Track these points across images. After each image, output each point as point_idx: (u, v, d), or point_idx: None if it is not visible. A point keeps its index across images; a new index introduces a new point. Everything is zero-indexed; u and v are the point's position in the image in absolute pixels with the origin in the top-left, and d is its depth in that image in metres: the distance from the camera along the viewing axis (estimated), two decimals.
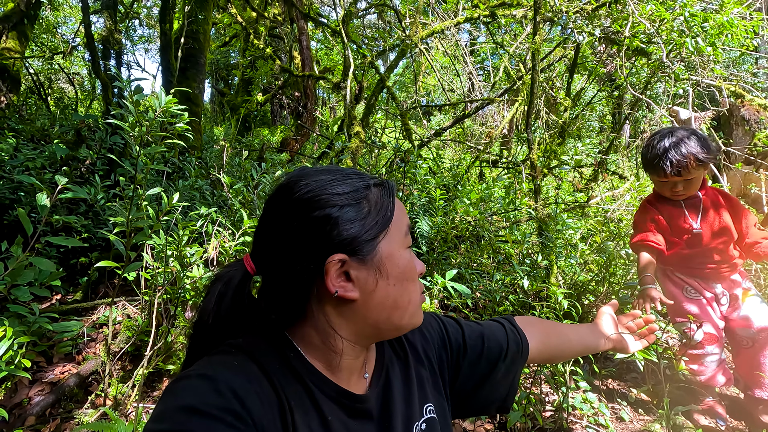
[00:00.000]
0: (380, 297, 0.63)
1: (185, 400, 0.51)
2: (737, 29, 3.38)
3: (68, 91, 7.62)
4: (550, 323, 1.01)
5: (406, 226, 0.68)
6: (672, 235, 1.76)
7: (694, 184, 1.59)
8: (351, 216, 0.60)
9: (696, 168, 1.51)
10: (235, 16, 6.60)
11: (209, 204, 2.83)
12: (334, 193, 0.61)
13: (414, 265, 0.67)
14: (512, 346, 0.86)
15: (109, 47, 3.35)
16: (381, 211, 0.63)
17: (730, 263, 1.71)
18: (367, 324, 0.64)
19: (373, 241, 0.62)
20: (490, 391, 0.85)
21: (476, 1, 4.63)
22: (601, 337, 1.00)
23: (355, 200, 0.62)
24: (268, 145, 5.81)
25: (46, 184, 2.59)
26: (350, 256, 0.60)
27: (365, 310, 0.63)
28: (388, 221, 0.64)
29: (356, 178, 0.64)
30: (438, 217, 2.87)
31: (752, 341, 1.68)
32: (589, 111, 7.01)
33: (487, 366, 0.83)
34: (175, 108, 1.59)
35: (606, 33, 3.98)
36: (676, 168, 1.51)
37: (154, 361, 1.75)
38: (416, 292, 0.68)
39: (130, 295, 2.47)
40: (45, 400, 1.70)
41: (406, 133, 4.42)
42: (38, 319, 1.56)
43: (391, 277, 0.63)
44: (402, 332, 0.68)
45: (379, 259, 0.62)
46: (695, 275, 1.78)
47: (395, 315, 0.64)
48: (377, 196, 0.64)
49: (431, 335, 0.81)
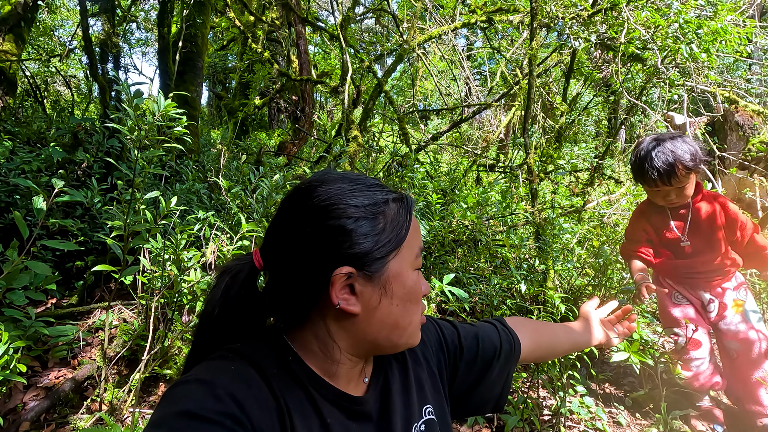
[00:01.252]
0: (382, 315, 0.62)
1: (183, 405, 0.51)
2: (731, 36, 3.42)
3: (65, 93, 7.60)
4: (539, 322, 1.02)
5: (419, 248, 0.67)
6: (660, 245, 1.75)
7: (686, 191, 1.55)
8: (365, 230, 0.60)
9: (685, 175, 1.47)
10: (233, 20, 6.61)
11: (207, 208, 2.82)
12: (351, 204, 0.60)
13: (420, 287, 0.67)
14: (505, 346, 0.87)
15: (107, 50, 3.35)
16: (396, 228, 0.63)
17: (722, 271, 1.69)
18: (365, 339, 0.64)
19: (384, 259, 0.61)
20: (485, 390, 0.85)
21: (473, 7, 4.67)
22: (589, 333, 1.02)
23: (372, 214, 0.61)
24: (266, 149, 5.81)
25: (42, 187, 2.58)
26: (358, 270, 0.60)
27: (365, 326, 0.62)
28: (401, 240, 0.63)
29: (376, 190, 0.64)
30: (435, 221, 2.87)
31: (737, 353, 1.67)
32: (586, 116, 7.06)
33: (483, 366, 0.84)
34: (174, 112, 1.59)
35: (602, 39, 4.02)
36: (665, 177, 1.46)
37: (150, 365, 1.74)
38: (418, 314, 0.67)
39: (126, 299, 2.45)
40: (40, 405, 1.68)
41: (404, 138, 4.43)
42: (34, 323, 1.55)
43: (396, 297, 0.63)
44: (399, 350, 0.68)
45: (386, 278, 0.62)
46: (683, 282, 1.78)
47: (394, 334, 0.64)
48: (394, 212, 0.63)
49: (429, 338, 0.82)
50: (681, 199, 1.57)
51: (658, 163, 1.44)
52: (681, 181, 1.47)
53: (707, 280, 1.71)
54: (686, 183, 1.49)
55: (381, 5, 6.41)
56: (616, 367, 2.27)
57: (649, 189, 1.59)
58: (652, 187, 1.54)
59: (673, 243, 1.69)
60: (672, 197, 1.54)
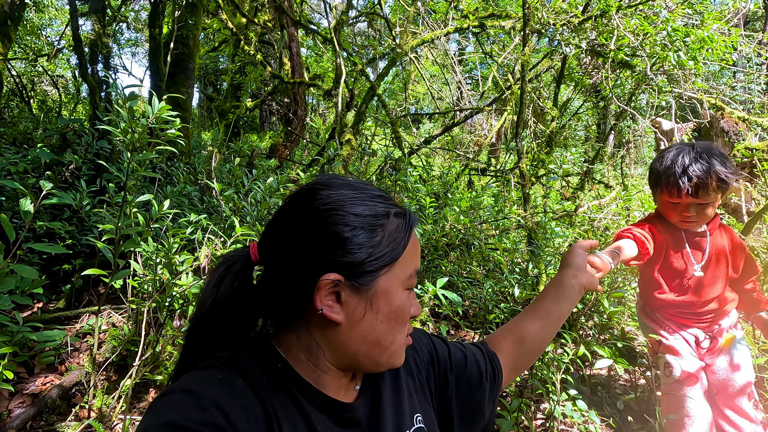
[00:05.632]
0: (364, 329, 0.62)
1: (168, 416, 0.50)
2: (717, 44, 3.50)
3: (52, 93, 7.47)
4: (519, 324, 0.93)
5: (414, 269, 0.66)
6: (659, 268, 1.48)
7: (707, 212, 1.35)
8: (361, 241, 0.59)
9: (716, 190, 1.30)
10: (225, 22, 6.57)
11: (198, 210, 2.79)
12: (351, 212, 0.60)
13: (408, 308, 0.65)
14: (489, 368, 0.85)
15: (96, 51, 3.30)
16: (393, 243, 0.62)
17: (720, 310, 1.49)
18: (346, 352, 0.63)
19: (375, 273, 0.60)
20: (475, 410, 0.83)
21: (466, 12, 4.71)
22: (571, 289, 0.94)
23: (371, 225, 0.60)
24: (258, 152, 5.77)
25: (29, 189, 2.53)
26: (346, 279, 0.59)
27: (346, 338, 0.62)
28: (396, 257, 0.62)
29: (379, 201, 0.63)
30: (428, 224, 2.88)
31: (717, 389, 1.49)
32: (576, 121, 7.15)
33: (471, 384, 0.83)
34: (167, 114, 1.58)
35: (592, 45, 4.08)
36: (694, 186, 1.28)
37: (141, 371, 1.71)
38: (402, 334, 0.66)
39: (115, 303, 2.41)
40: (26, 412, 1.64)
41: (397, 141, 4.44)
42: (21, 328, 1.51)
43: (381, 314, 0.62)
44: (380, 369, 0.67)
45: (374, 293, 0.61)
46: (675, 319, 1.54)
47: (375, 351, 0.63)
48: (394, 227, 0.63)
49: (421, 349, 0.81)
50: (699, 220, 1.38)
51: (691, 169, 1.28)
52: (709, 196, 1.31)
53: (705, 318, 1.49)
54: (712, 200, 1.32)
55: (374, 9, 6.44)
56: (606, 370, 2.29)
57: (668, 199, 1.38)
58: (673, 196, 1.35)
59: (676, 272, 1.45)
60: (691, 214, 1.36)
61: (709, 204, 1.34)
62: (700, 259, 1.44)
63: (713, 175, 1.27)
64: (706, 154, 1.30)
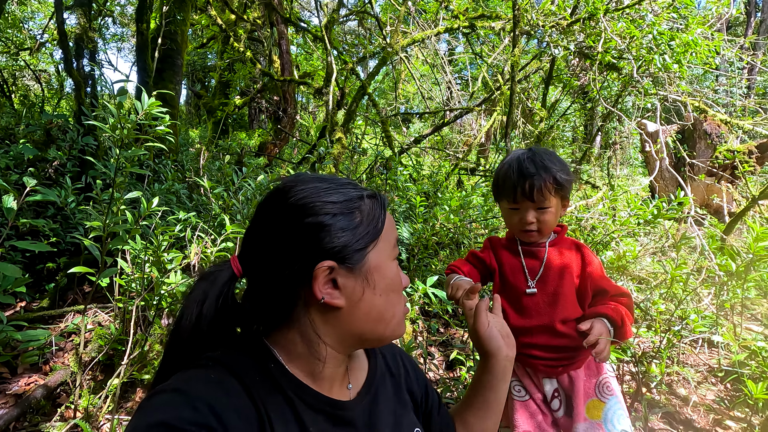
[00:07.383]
0: (366, 306, 0.64)
1: (158, 415, 0.50)
2: (701, 48, 3.58)
3: (34, 88, 7.30)
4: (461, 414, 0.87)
5: (395, 239, 0.69)
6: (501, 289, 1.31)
7: (547, 216, 1.24)
8: (343, 225, 0.61)
9: (554, 193, 1.22)
10: (214, 18, 6.50)
11: (187, 208, 2.76)
12: (327, 201, 0.62)
13: (400, 278, 0.69)
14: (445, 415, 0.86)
15: (82, 45, 3.24)
16: (372, 222, 0.64)
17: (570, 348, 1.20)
18: (351, 333, 0.65)
19: (363, 250, 0.63)
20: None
21: (456, 12, 4.73)
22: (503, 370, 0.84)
23: (348, 210, 0.63)
24: (247, 149, 5.73)
25: (12, 185, 2.48)
26: (339, 264, 0.61)
27: (350, 319, 0.63)
28: (378, 232, 0.65)
29: (350, 188, 0.66)
30: (419, 223, 2.89)
31: None
32: (564, 122, 7.24)
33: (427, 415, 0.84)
34: (157, 110, 1.56)
35: (580, 48, 4.14)
36: (529, 187, 1.21)
37: (128, 370, 1.68)
38: (401, 304, 0.69)
39: (101, 302, 2.37)
40: (9, 413, 1.61)
41: (387, 140, 4.44)
42: (4, 327, 1.48)
43: (378, 288, 0.64)
44: (384, 342, 0.70)
45: (367, 269, 0.63)
46: (524, 363, 1.27)
47: (379, 325, 0.66)
48: (370, 207, 0.65)
49: (416, 372, 0.85)
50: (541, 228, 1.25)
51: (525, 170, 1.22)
52: (545, 199, 1.22)
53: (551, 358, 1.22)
54: (550, 205, 1.24)
55: (364, 8, 6.43)
56: None
57: (507, 206, 1.29)
58: (510, 202, 1.26)
59: (513, 289, 1.28)
60: (530, 220, 1.24)
61: (548, 210, 1.24)
62: (535, 272, 1.27)
63: (549, 177, 1.21)
64: (541, 157, 1.25)
